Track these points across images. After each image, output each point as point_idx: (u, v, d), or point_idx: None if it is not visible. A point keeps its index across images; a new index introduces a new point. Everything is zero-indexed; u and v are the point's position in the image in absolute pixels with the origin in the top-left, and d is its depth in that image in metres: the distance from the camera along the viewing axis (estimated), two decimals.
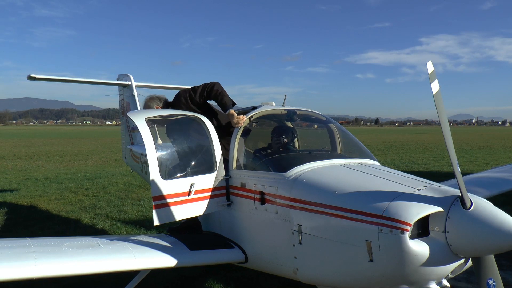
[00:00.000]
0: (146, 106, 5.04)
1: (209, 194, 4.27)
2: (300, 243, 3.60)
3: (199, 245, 4.30)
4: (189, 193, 4.11)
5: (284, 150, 4.64)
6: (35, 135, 65.23)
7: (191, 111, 4.68)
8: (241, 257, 4.24)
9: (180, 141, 4.62)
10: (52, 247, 3.80)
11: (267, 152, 4.59)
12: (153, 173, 3.95)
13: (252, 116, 4.69)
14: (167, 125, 4.78)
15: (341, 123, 5.52)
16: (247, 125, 4.64)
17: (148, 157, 3.97)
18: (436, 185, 3.39)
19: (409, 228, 2.91)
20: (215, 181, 4.29)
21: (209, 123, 4.47)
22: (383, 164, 4.61)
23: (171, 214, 4.03)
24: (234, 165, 4.40)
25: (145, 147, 3.99)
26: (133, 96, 8.54)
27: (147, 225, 8.20)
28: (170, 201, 4.01)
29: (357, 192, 3.35)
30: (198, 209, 4.21)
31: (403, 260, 2.96)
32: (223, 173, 4.34)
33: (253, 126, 4.83)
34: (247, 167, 4.44)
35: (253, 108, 4.93)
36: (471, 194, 3.05)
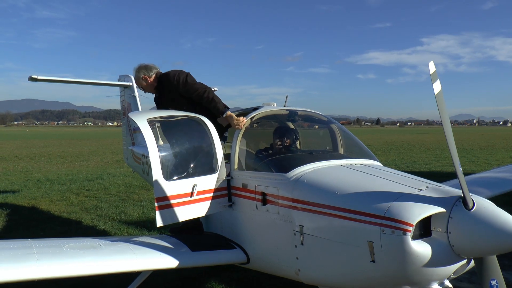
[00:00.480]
0: (136, 78, 5.01)
1: (211, 195, 4.26)
2: (302, 244, 3.60)
3: (200, 246, 4.30)
4: (191, 194, 4.10)
5: (286, 150, 4.63)
6: (36, 136, 65.32)
7: (179, 98, 4.70)
8: (242, 258, 4.24)
9: (181, 142, 4.62)
10: (53, 248, 3.80)
11: (268, 152, 4.59)
12: (156, 174, 3.94)
13: (253, 117, 4.69)
14: (168, 125, 4.78)
15: (342, 124, 5.52)
16: (248, 126, 4.63)
17: (150, 158, 3.97)
18: (438, 185, 3.38)
19: (411, 228, 2.91)
20: (217, 182, 4.29)
21: (210, 124, 4.47)
22: (384, 164, 4.60)
23: (174, 215, 4.03)
24: (236, 166, 4.40)
25: (147, 148, 3.99)
26: (135, 97, 8.54)
27: (148, 226, 8.20)
28: (173, 202, 4.01)
29: (358, 193, 3.35)
30: (200, 210, 4.20)
31: (405, 260, 2.95)
32: (224, 174, 4.34)
33: (255, 126, 4.83)
34: (248, 167, 4.43)
35: (255, 108, 4.92)
36: (473, 194, 3.04)
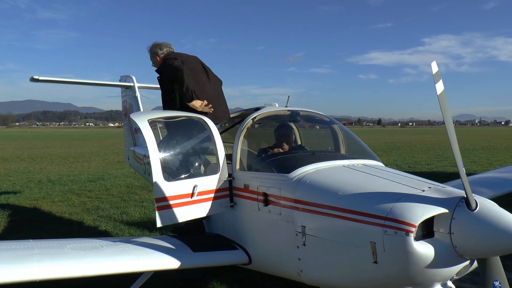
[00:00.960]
0: (149, 54, 5.10)
1: (212, 195, 4.25)
2: (304, 244, 3.59)
3: (202, 246, 4.29)
4: (192, 195, 4.09)
5: (288, 151, 4.63)
6: (38, 137, 65.44)
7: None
8: (244, 259, 4.23)
9: (183, 142, 4.61)
10: (55, 249, 3.80)
11: (270, 153, 4.58)
12: (156, 174, 3.94)
13: (255, 117, 4.68)
14: (170, 126, 4.78)
15: (344, 124, 5.51)
16: (250, 126, 4.63)
17: (150, 159, 3.96)
18: (440, 186, 3.36)
19: (413, 229, 2.89)
20: (218, 182, 4.28)
21: (212, 124, 4.46)
22: (386, 164, 4.59)
23: (173, 215, 4.02)
24: (237, 167, 4.39)
25: (147, 148, 3.99)
26: (136, 98, 8.54)
27: (150, 226, 8.19)
28: (172, 202, 4.00)
29: (361, 193, 3.33)
30: (201, 210, 4.19)
31: (407, 261, 2.94)
32: (226, 174, 4.33)
33: (256, 127, 4.82)
34: (250, 168, 4.43)
35: (256, 109, 4.92)
36: (476, 195, 3.02)
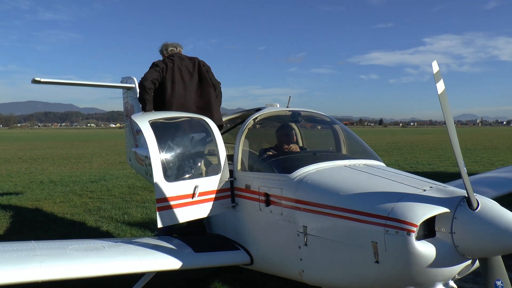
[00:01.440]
0: (160, 54, 5.32)
1: (213, 196, 4.26)
2: (306, 244, 3.59)
3: (204, 247, 4.29)
4: (193, 195, 4.10)
5: (289, 151, 4.63)
6: (39, 138, 65.52)
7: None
8: (246, 259, 4.23)
9: (184, 143, 4.62)
10: (57, 250, 3.80)
11: (271, 153, 4.58)
12: (157, 175, 3.94)
13: (256, 118, 4.68)
14: (171, 127, 4.78)
15: (345, 124, 5.51)
16: (251, 127, 4.63)
17: (151, 159, 3.96)
18: (442, 185, 3.36)
19: (415, 229, 2.89)
20: (220, 183, 4.28)
21: (213, 125, 4.46)
22: (387, 164, 4.59)
23: (174, 216, 4.03)
24: (239, 167, 4.39)
25: (148, 149, 3.99)
26: (137, 99, 8.54)
27: (152, 227, 8.20)
28: (173, 203, 4.00)
29: (362, 193, 3.33)
30: (202, 211, 4.20)
31: (409, 261, 2.94)
32: (227, 175, 4.33)
33: (257, 127, 4.82)
34: (251, 168, 4.43)
35: (257, 109, 4.92)
36: (477, 194, 3.02)
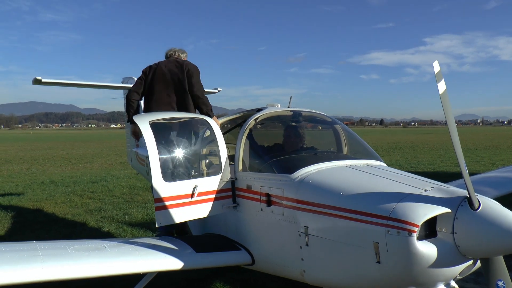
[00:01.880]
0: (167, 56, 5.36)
1: (213, 196, 4.26)
2: (307, 245, 3.59)
3: (205, 247, 4.30)
4: (192, 195, 4.10)
5: (290, 151, 4.63)
6: (40, 138, 65.57)
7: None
8: (247, 259, 4.23)
9: (183, 143, 4.63)
10: (58, 250, 3.81)
11: (273, 153, 4.58)
12: (155, 175, 3.95)
13: (257, 118, 4.69)
14: (171, 127, 4.79)
15: (346, 124, 5.51)
16: (252, 127, 4.63)
17: (150, 159, 3.97)
18: (443, 185, 3.36)
19: (416, 229, 2.90)
20: (220, 183, 4.29)
21: (215, 125, 4.47)
22: (388, 165, 4.59)
23: (173, 216, 4.03)
24: (240, 167, 4.40)
25: (147, 149, 4.00)
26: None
27: (153, 227, 8.20)
28: (172, 203, 4.02)
29: (363, 193, 3.34)
30: (201, 211, 4.20)
31: (410, 261, 2.94)
32: (228, 175, 4.33)
33: (258, 127, 4.82)
34: (253, 169, 4.43)
35: (258, 110, 4.92)
36: (479, 194, 3.02)
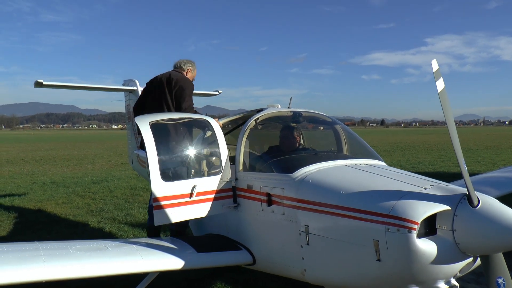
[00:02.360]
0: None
1: (212, 196, 4.27)
2: (308, 244, 3.60)
3: (206, 247, 4.32)
4: (191, 195, 4.11)
5: (290, 151, 4.65)
6: (41, 139, 65.61)
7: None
8: (248, 259, 4.24)
9: (183, 143, 4.66)
10: (60, 250, 3.82)
11: (273, 153, 4.60)
12: (153, 175, 3.97)
13: (258, 118, 4.70)
14: (172, 127, 4.81)
15: (347, 125, 5.53)
16: (253, 127, 4.65)
17: (148, 159, 3.99)
18: (442, 184, 3.38)
19: (416, 226, 2.91)
20: (221, 183, 4.30)
21: (216, 125, 4.48)
22: (389, 165, 4.60)
23: (171, 215, 4.05)
24: (241, 167, 4.41)
25: (146, 148, 4.02)
26: None
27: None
28: (170, 202, 4.03)
29: (363, 192, 3.35)
30: (200, 210, 4.21)
31: (410, 259, 2.95)
32: (229, 175, 4.35)
33: (259, 128, 4.84)
34: (253, 169, 4.45)
35: (259, 110, 4.94)
36: (478, 192, 3.04)
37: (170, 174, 4.23)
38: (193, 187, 4.12)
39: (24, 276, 3.28)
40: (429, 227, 3.05)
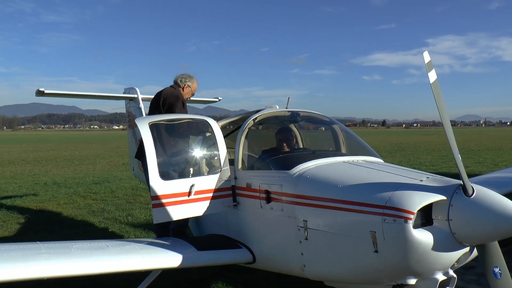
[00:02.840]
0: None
1: (211, 195, 4.30)
2: (306, 238, 3.64)
3: (207, 246, 4.35)
4: (189, 194, 4.15)
5: (288, 150, 4.70)
6: (43, 140, 65.68)
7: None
8: (248, 257, 4.27)
9: (183, 142, 4.70)
10: (62, 249, 3.87)
11: (271, 152, 4.64)
12: (152, 173, 4.02)
13: (256, 118, 4.74)
14: (172, 127, 4.85)
15: (348, 125, 5.57)
16: (251, 127, 4.69)
17: (147, 158, 4.04)
18: (438, 176, 3.43)
19: (412, 216, 2.95)
20: (220, 182, 4.32)
21: (215, 125, 4.52)
22: None
23: (169, 213, 4.09)
24: (240, 166, 4.44)
25: (144, 148, 4.06)
26: (140, 109, 8.65)
27: (155, 229, 8.24)
28: (168, 200, 4.07)
29: (360, 184, 3.40)
30: (198, 209, 4.24)
31: (407, 249, 2.98)
32: (227, 174, 4.37)
33: (257, 127, 4.88)
34: (252, 167, 4.49)
35: (257, 111, 4.99)
36: (473, 183, 3.08)
37: (169, 172, 4.28)
38: (192, 186, 4.15)
39: (26, 273, 3.32)
40: (426, 218, 3.09)
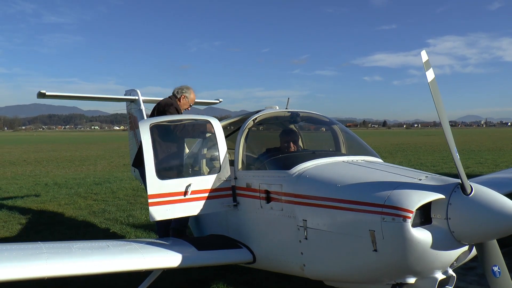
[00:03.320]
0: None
1: (209, 194, 4.30)
2: (306, 238, 3.64)
3: (207, 246, 4.37)
4: (185, 193, 4.17)
5: (288, 150, 4.71)
6: (44, 140, 65.73)
7: None
8: (248, 257, 4.27)
9: (182, 143, 4.72)
10: (62, 248, 3.90)
11: (271, 152, 4.65)
12: (149, 172, 4.05)
13: (256, 119, 4.74)
14: (172, 128, 4.85)
15: (349, 126, 5.58)
16: (251, 127, 4.69)
17: (144, 157, 4.07)
18: (437, 176, 3.43)
19: (411, 215, 2.95)
20: (219, 182, 4.33)
21: (217, 125, 4.52)
22: None
23: (166, 212, 4.12)
24: (240, 167, 4.45)
25: (143, 147, 4.09)
26: (141, 111, 8.67)
27: (156, 229, 8.23)
28: (165, 199, 4.10)
29: (359, 184, 3.40)
30: (195, 208, 4.25)
31: (406, 248, 2.99)
32: (227, 174, 4.38)
33: (257, 128, 4.89)
34: (252, 167, 4.49)
35: (257, 112, 4.99)
36: (471, 181, 3.08)
37: (166, 172, 4.32)
38: (188, 185, 4.17)
39: (28, 273, 3.34)
40: (424, 217, 3.09)
